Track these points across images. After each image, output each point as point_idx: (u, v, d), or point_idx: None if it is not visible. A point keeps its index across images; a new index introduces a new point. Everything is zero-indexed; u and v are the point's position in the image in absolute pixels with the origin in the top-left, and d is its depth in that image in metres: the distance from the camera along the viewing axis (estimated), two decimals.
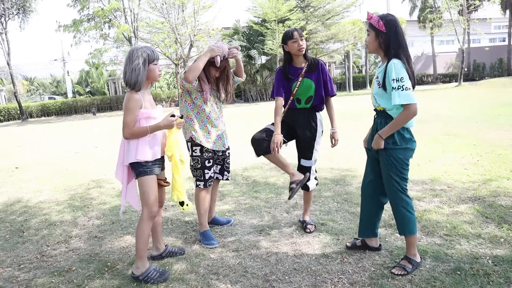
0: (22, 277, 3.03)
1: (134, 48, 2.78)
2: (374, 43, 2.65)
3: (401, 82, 2.50)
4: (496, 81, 27.16)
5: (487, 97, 16.58)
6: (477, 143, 6.88)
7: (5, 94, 34.16)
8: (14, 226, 4.24)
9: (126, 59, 2.76)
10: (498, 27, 52.66)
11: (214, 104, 3.43)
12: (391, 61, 2.56)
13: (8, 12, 26.65)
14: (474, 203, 3.93)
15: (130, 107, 2.72)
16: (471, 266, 2.72)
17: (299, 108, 3.41)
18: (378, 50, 2.67)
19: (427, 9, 34.44)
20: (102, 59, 29.12)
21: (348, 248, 3.12)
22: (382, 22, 2.58)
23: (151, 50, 2.77)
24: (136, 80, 2.71)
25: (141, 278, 2.80)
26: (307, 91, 3.35)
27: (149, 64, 2.76)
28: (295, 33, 3.27)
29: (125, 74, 2.75)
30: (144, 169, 2.78)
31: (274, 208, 4.23)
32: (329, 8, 30.60)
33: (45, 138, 13.59)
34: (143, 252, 2.85)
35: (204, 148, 3.36)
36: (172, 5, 26.06)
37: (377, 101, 2.73)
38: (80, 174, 6.69)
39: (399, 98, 2.51)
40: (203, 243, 3.40)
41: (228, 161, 3.64)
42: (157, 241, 3.18)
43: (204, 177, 3.39)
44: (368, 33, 2.68)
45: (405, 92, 2.50)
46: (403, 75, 2.52)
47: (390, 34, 2.58)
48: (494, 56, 36.06)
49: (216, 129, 3.42)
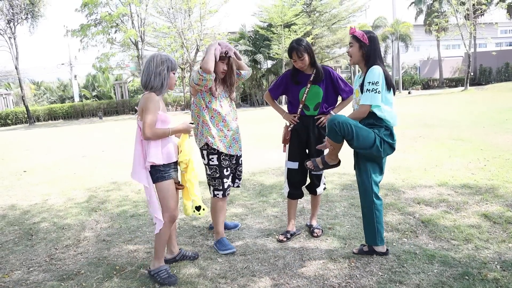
0: (32, 280, 3.07)
1: (158, 54, 2.85)
2: (357, 53, 2.95)
3: (373, 85, 2.80)
4: (502, 85, 27.03)
5: (493, 102, 16.50)
6: (484, 147, 6.85)
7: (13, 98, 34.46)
8: (23, 229, 4.28)
9: (149, 63, 2.81)
10: (505, 32, 52.46)
11: (228, 105, 3.39)
12: (372, 67, 2.85)
13: (17, 17, 26.95)
14: (481, 208, 3.92)
15: (151, 107, 2.74)
16: (479, 271, 2.71)
17: (308, 115, 3.42)
18: (360, 60, 2.96)
19: (433, 14, 34.37)
20: (109, 63, 29.33)
21: (355, 254, 3.13)
22: (366, 36, 2.90)
23: (173, 59, 2.89)
24: (161, 84, 2.80)
25: (152, 273, 2.89)
26: (315, 98, 3.37)
27: (169, 72, 2.85)
28: (293, 55, 3.28)
29: (148, 76, 2.78)
30: (162, 174, 2.82)
31: (281, 213, 4.23)
32: (335, 13, 30.70)
33: (52, 142, 13.70)
34: (161, 253, 2.93)
35: (222, 156, 3.30)
36: (178, 10, 26.29)
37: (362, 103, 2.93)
38: (88, 178, 6.74)
39: (363, 98, 2.84)
40: (220, 250, 3.34)
41: (240, 168, 3.59)
42: (171, 245, 3.20)
43: (223, 186, 3.33)
44: (352, 45, 2.96)
45: (374, 94, 2.79)
46: (379, 80, 2.79)
47: (372, 47, 2.90)
48: (501, 61, 35.86)
49: (232, 132, 3.36)
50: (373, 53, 2.88)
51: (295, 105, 3.45)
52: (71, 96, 37.89)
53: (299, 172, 3.48)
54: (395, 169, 5.69)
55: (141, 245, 3.60)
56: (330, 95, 3.42)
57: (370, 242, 3.03)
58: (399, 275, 2.74)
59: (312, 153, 3.47)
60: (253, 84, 31.76)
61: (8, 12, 26.42)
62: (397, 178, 5.26)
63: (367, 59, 2.90)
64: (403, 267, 2.85)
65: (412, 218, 3.78)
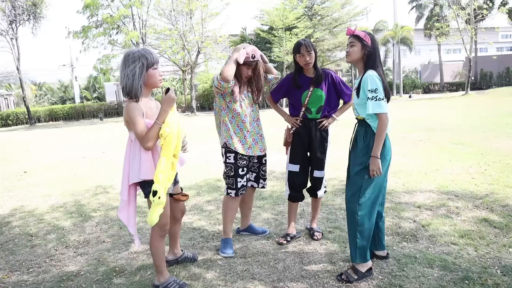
0: (31, 281, 3.06)
1: (130, 51, 2.49)
2: (359, 53, 2.82)
3: (375, 93, 2.68)
4: (503, 90, 27.04)
5: (494, 106, 16.50)
6: (484, 152, 6.85)
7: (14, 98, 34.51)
8: (23, 230, 4.28)
9: (121, 64, 2.49)
10: (506, 36, 52.53)
11: (250, 106, 3.37)
12: (366, 73, 2.75)
13: (19, 18, 27.02)
14: (482, 212, 3.92)
15: (134, 116, 2.45)
16: (480, 275, 2.70)
17: (310, 118, 3.41)
18: (359, 61, 2.85)
19: (434, 18, 34.44)
20: (110, 64, 29.36)
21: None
22: (369, 37, 2.81)
23: (149, 53, 2.50)
24: (131, 86, 2.44)
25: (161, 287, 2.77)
26: (318, 101, 3.36)
27: (147, 69, 2.49)
28: (301, 48, 3.25)
29: (121, 79, 2.48)
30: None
31: (281, 215, 4.23)
32: (336, 17, 30.76)
33: (53, 143, 13.70)
34: (162, 267, 2.77)
35: (239, 155, 3.28)
36: (180, 12, 26.35)
37: (357, 110, 2.85)
38: (88, 179, 6.74)
39: (372, 108, 2.68)
40: (220, 250, 3.35)
41: (265, 168, 3.55)
42: (174, 247, 3.16)
43: (236, 185, 3.31)
44: (353, 44, 2.83)
45: (378, 102, 2.68)
46: (377, 87, 2.69)
47: (374, 49, 2.80)
48: (502, 65, 35.91)
49: (251, 133, 3.34)
50: (374, 55, 2.80)
51: (297, 107, 3.44)
52: (72, 97, 37.93)
53: (300, 175, 3.48)
54: (395, 173, 5.69)
55: (141, 247, 3.59)
56: (332, 99, 3.42)
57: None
58: (399, 279, 2.74)
59: (313, 156, 3.46)
60: None
61: (10, 13, 26.48)
62: (397, 182, 5.26)
63: (367, 60, 2.82)
64: (403, 271, 2.84)
65: (412, 222, 3.78)
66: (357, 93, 2.82)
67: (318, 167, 3.47)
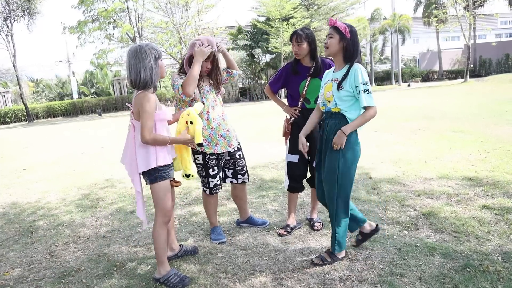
0: (32, 277, 3.06)
1: (140, 45, 2.60)
2: (337, 45, 2.79)
3: (367, 85, 2.69)
4: (502, 77, 26.96)
5: (493, 93, 16.46)
6: (484, 139, 6.83)
7: (12, 96, 34.39)
8: (23, 226, 4.27)
9: (133, 57, 2.57)
10: (505, 23, 52.24)
11: (213, 101, 3.23)
12: (355, 66, 2.72)
13: (13, 14, 26.82)
14: (482, 200, 3.91)
15: (149, 109, 2.55)
16: (481, 263, 2.70)
17: (309, 108, 3.35)
18: (338, 53, 2.81)
19: (433, 5, 34.21)
20: (107, 59, 29.26)
21: (356, 246, 3.12)
22: (348, 29, 2.77)
23: (157, 47, 2.67)
24: (151, 79, 2.58)
25: (162, 281, 2.77)
26: (316, 91, 3.30)
27: (157, 61, 2.63)
28: (293, 38, 3.25)
29: (136, 73, 2.56)
30: (161, 174, 2.66)
31: (282, 207, 4.22)
32: (333, 6, 30.54)
33: (51, 139, 13.68)
34: (163, 257, 2.80)
35: (207, 155, 3.22)
36: (176, 5, 26.16)
37: (336, 103, 2.77)
38: (87, 175, 6.73)
39: (366, 101, 2.66)
40: (212, 239, 3.45)
41: (240, 163, 3.46)
42: (171, 242, 3.16)
43: (209, 184, 3.34)
44: (331, 36, 2.80)
45: (370, 95, 2.68)
46: (367, 79, 2.71)
47: (353, 41, 2.76)
48: (501, 52, 35.76)
49: (217, 130, 3.21)
50: (353, 48, 2.75)
51: (295, 98, 3.42)
52: (70, 93, 37.78)
53: (299, 165, 3.46)
54: (395, 162, 5.68)
55: (141, 241, 3.59)
56: None
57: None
58: (400, 267, 2.73)
59: (313, 146, 3.41)
60: (252, 78, 31.67)
61: (5, 10, 26.29)
62: (397, 170, 5.25)
63: (346, 53, 2.76)
64: (404, 259, 2.84)
65: (412, 211, 3.77)
66: (339, 85, 2.73)
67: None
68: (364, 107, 2.69)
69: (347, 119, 2.73)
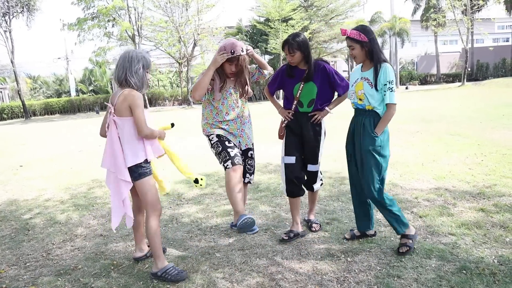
0: (28, 275, 3.05)
1: (133, 50, 2.81)
2: (361, 54, 2.92)
3: (392, 84, 2.86)
4: (499, 81, 27.09)
5: (490, 97, 16.53)
6: (481, 143, 6.86)
7: (9, 92, 34.26)
8: (19, 224, 4.26)
9: (126, 60, 2.74)
10: (502, 27, 52.48)
11: (235, 102, 3.40)
12: (384, 65, 2.86)
13: (12, 11, 26.73)
14: (479, 203, 3.93)
15: (142, 105, 2.73)
16: (477, 265, 2.71)
17: (302, 112, 3.34)
18: (366, 58, 2.94)
19: (431, 9, 34.33)
20: (105, 57, 29.21)
21: (348, 239, 3.25)
22: (362, 33, 2.85)
23: (148, 58, 2.83)
24: (141, 82, 2.77)
25: (159, 274, 2.79)
26: (309, 94, 3.28)
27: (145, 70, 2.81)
28: (285, 49, 3.23)
29: (123, 73, 2.73)
30: (144, 170, 2.78)
31: (279, 207, 4.23)
32: (332, 8, 30.61)
33: (48, 137, 13.63)
34: (160, 250, 2.84)
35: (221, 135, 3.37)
36: (176, 4, 26.15)
37: (368, 100, 2.91)
38: (84, 173, 6.71)
39: (390, 98, 2.86)
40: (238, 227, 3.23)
41: (250, 162, 3.55)
42: (141, 242, 3.15)
43: (229, 155, 3.29)
44: (352, 47, 2.91)
45: (393, 93, 2.87)
46: (394, 78, 2.87)
47: (371, 41, 2.87)
48: (498, 56, 35.93)
49: (230, 128, 3.42)
50: (374, 47, 2.87)
51: (290, 100, 3.38)
52: (68, 90, 37.65)
53: (297, 166, 3.37)
54: (392, 164, 5.69)
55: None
56: (325, 91, 3.31)
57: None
58: (397, 269, 2.74)
59: (306, 150, 3.40)
60: None
61: (3, 5, 26.20)
62: (394, 173, 5.27)
63: (371, 54, 2.89)
64: (401, 261, 2.85)
65: (409, 213, 3.79)
66: (375, 84, 2.86)
67: (312, 161, 3.41)
68: (386, 104, 2.87)
69: (380, 116, 2.92)
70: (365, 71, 2.96)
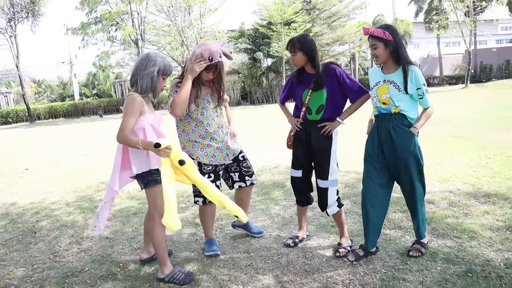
0: (36, 277, 3.08)
1: (153, 53, 2.73)
2: (384, 53, 2.81)
3: (426, 87, 2.81)
4: (503, 82, 27.01)
5: (494, 99, 16.48)
6: (485, 145, 6.85)
7: (14, 96, 34.45)
8: (26, 227, 4.29)
9: (142, 62, 2.69)
10: (505, 29, 52.39)
11: (213, 113, 3.12)
12: (413, 68, 2.78)
13: (17, 16, 26.94)
14: (484, 206, 3.93)
15: (132, 111, 2.61)
16: (483, 268, 2.72)
17: (311, 119, 3.11)
18: (389, 59, 2.83)
19: (433, 11, 34.32)
20: (109, 61, 29.34)
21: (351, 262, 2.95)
22: (388, 32, 2.75)
23: (167, 63, 2.74)
24: (150, 87, 2.69)
25: (167, 279, 2.78)
26: (318, 100, 3.05)
27: (160, 76, 2.72)
28: (288, 47, 3.08)
29: (135, 74, 2.69)
30: (155, 178, 2.71)
31: (284, 210, 4.24)
32: (335, 11, 30.63)
33: (53, 140, 13.71)
34: (165, 258, 2.82)
35: (202, 162, 3.10)
36: (178, 8, 26.26)
37: (395, 103, 2.81)
38: (89, 176, 6.75)
39: (429, 101, 2.84)
40: (205, 250, 3.25)
41: (245, 164, 3.32)
42: (148, 245, 3.17)
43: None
44: (375, 46, 2.80)
45: (429, 95, 2.86)
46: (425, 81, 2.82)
47: (397, 41, 2.77)
48: (501, 58, 35.84)
49: (216, 141, 3.11)
50: (400, 47, 2.75)
51: (299, 108, 3.17)
52: (72, 94, 37.84)
53: (303, 181, 3.23)
54: None
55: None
56: (336, 97, 3.06)
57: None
58: (403, 272, 2.75)
59: (315, 163, 3.16)
60: (253, 82, 31.73)
61: (9, 11, 26.42)
62: None
63: (395, 55, 2.77)
64: (406, 264, 2.85)
65: None
66: (405, 88, 2.76)
67: (320, 175, 3.12)
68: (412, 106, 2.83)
69: (408, 118, 2.83)
70: (389, 73, 2.82)
